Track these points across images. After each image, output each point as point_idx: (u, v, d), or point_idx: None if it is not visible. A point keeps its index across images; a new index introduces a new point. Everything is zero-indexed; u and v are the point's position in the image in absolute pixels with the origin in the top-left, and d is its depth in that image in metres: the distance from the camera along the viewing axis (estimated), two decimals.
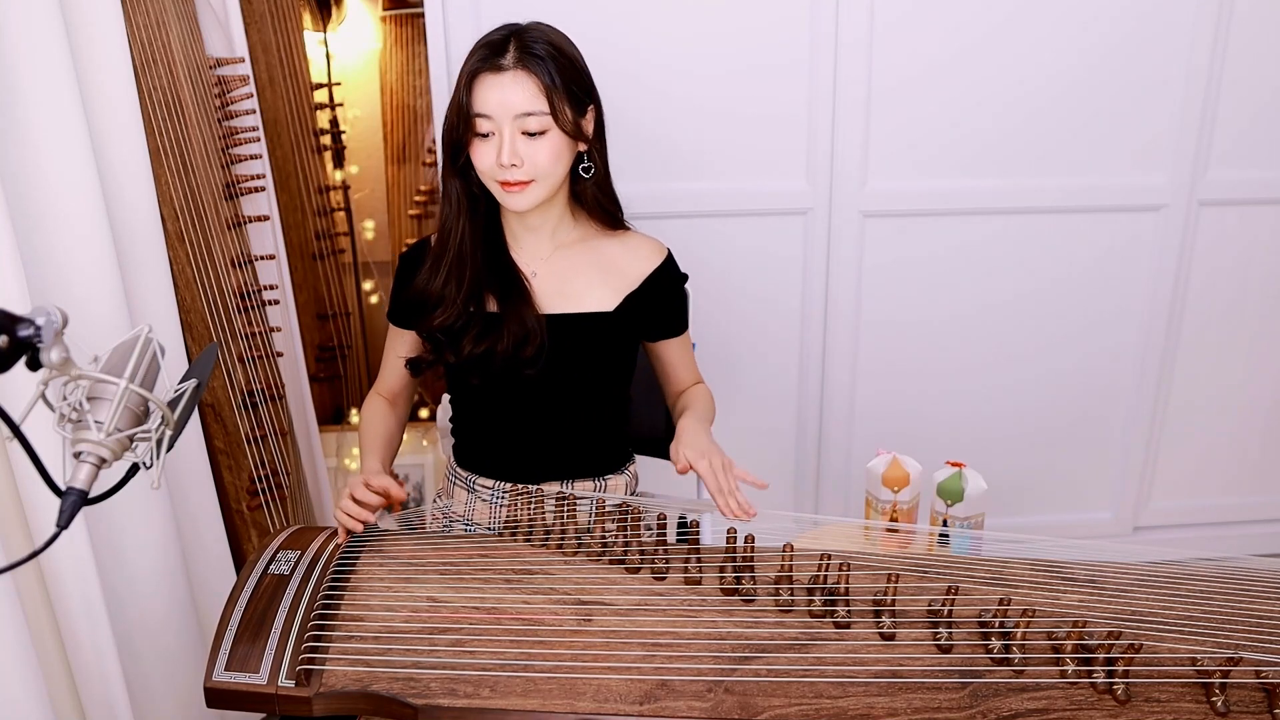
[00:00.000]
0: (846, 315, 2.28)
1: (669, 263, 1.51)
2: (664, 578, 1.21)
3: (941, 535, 1.62)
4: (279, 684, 1.06)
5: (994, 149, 2.18)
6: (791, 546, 1.19)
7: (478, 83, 1.31)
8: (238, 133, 1.94)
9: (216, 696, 1.07)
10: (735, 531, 1.20)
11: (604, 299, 1.46)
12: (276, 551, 1.28)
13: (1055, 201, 2.22)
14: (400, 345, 1.54)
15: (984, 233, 2.24)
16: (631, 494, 1.60)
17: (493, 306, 1.43)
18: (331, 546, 1.28)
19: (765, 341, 2.31)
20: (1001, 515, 2.38)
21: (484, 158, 1.33)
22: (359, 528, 1.29)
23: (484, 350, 1.40)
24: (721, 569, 1.20)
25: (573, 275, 1.47)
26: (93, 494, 0.78)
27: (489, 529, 1.52)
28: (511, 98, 1.30)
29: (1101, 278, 2.29)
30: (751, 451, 2.32)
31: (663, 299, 1.50)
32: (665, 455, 1.86)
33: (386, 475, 1.35)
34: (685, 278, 1.54)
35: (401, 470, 2.63)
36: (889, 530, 1.65)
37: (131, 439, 0.80)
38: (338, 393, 2.77)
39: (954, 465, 1.71)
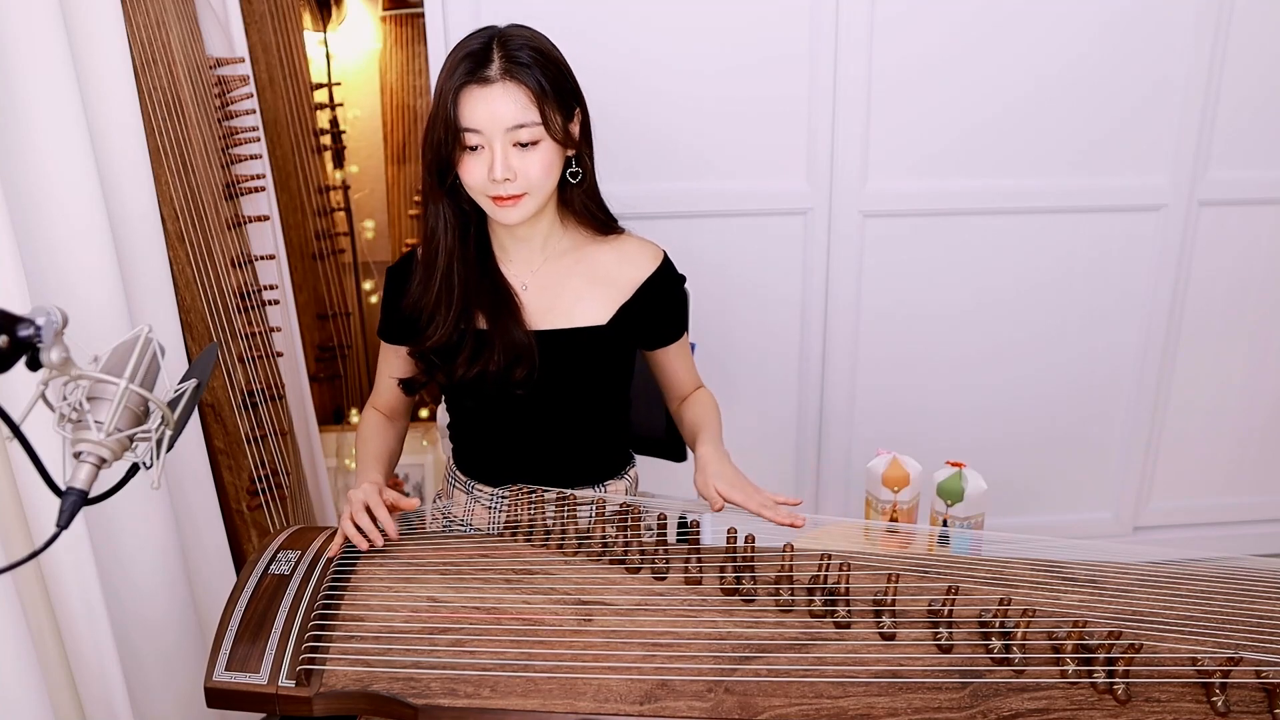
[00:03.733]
0: (846, 315, 2.28)
1: (665, 267, 1.47)
2: (664, 578, 1.21)
3: (941, 535, 1.62)
4: (279, 684, 1.06)
5: (993, 148, 2.18)
6: (792, 546, 1.19)
7: (464, 96, 1.26)
8: (238, 133, 1.94)
9: (217, 696, 1.07)
10: (735, 531, 1.20)
11: (597, 312, 1.42)
12: (277, 551, 1.28)
13: (1055, 201, 2.22)
14: (393, 361, 1.51)
15: (983, 233, 2.24)
16: (631, 496, 1.60)
17: (482, 324, 1.40)
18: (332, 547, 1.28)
19: (765, 342, 2.31)
20: (1001, 515, 2.38)
21: (473, 173, 1.29)
22: (365, 545, 1.26)
23: (476, 373, 1.37)
24: (722, 569, 1.20)
25: (564, 288, 1.43)
26: (93, 494, 0.78)
27: (489, 531, 1.51)
28: (501, 110, 1.25)
29: (1102, 278, 2.30)
30: (752, 451, 2.31)
31: (659, 305, 1.47)
32: (664, 455, 1.87)
33: (390, 489, 1.33)
34: (683, 279, 1.51)
35: (401, 470, 2.63)
36: (889, 530, 1.65)
37: (131, 439, 0.80)
38: (338, 393, 2.77)
39: (954, 465, 1.71)
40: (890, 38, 2.08)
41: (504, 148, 1.26)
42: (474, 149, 1.28)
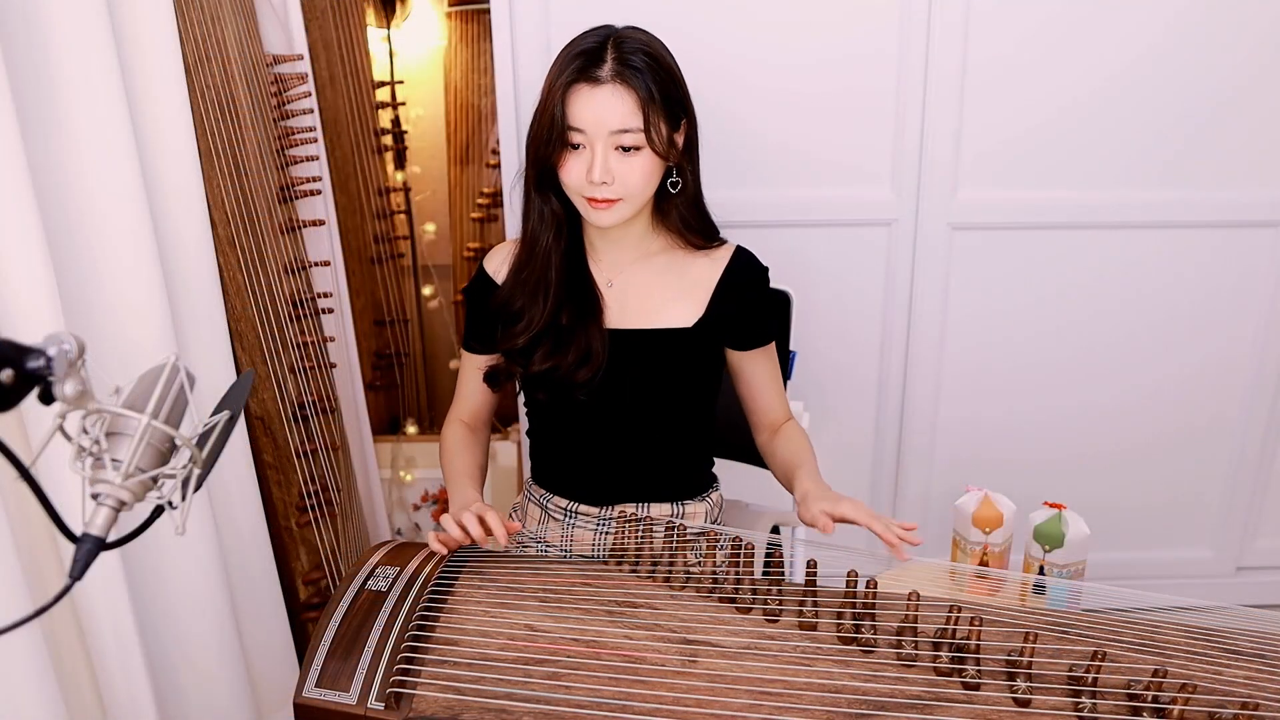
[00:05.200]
0: (930, 334, 2.14)
1: (738, 257, 1.42)
2: (777, 620, 1.11)
3: (1036, 585, 1.48)
4: (368, 705, 1.01)
5: (1087, 156, 2.02)
6: (917, 594, 1.07)
7: (572, 94, 1.25)
8: (295, 133, 1.86)
9: (305, 713, 1.04)
10: (856, 574, 1.11)
11: (683, 315, 1.38)
12: (375, 567, 1.23)
13: (1164, 216, 2.06)
14: (476, 370, 1.48)
15: (1076, 248, 2.09)
16: (713, 522, 1.51)
17: (565, 319, 1.38)
18: (431, 565, 1.23)
19: (842, 360, 2.18)
20: (1091, 551, 2.22)
21: (573, 172, 1.28)
22: (443, 550, 1.22)
23: (549, 367, 1.36)
24: (840, 614, 1.09)
25: (651, 289, 1.40)
26: (111, 538, 0.70)
27: (560, 550, 1.48)
28: (607, 112, 1.24)
29: (1212, 297, 2.13)
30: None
31: (740, 300, 1.40)
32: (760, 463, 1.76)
33: (496, 511, 1.27)
34: (765, 271, 1.44)
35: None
36: (978, 575, 1.52)
37: (155, 479, 0.72)
38: (394, 401, 2.70)
39: (1053, 506, 1.57)
40: (987, 33, 1.94)
41: (605, 150, 1.26)
42: (576, 148, 1.28)
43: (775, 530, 1.71)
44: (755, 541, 1.21)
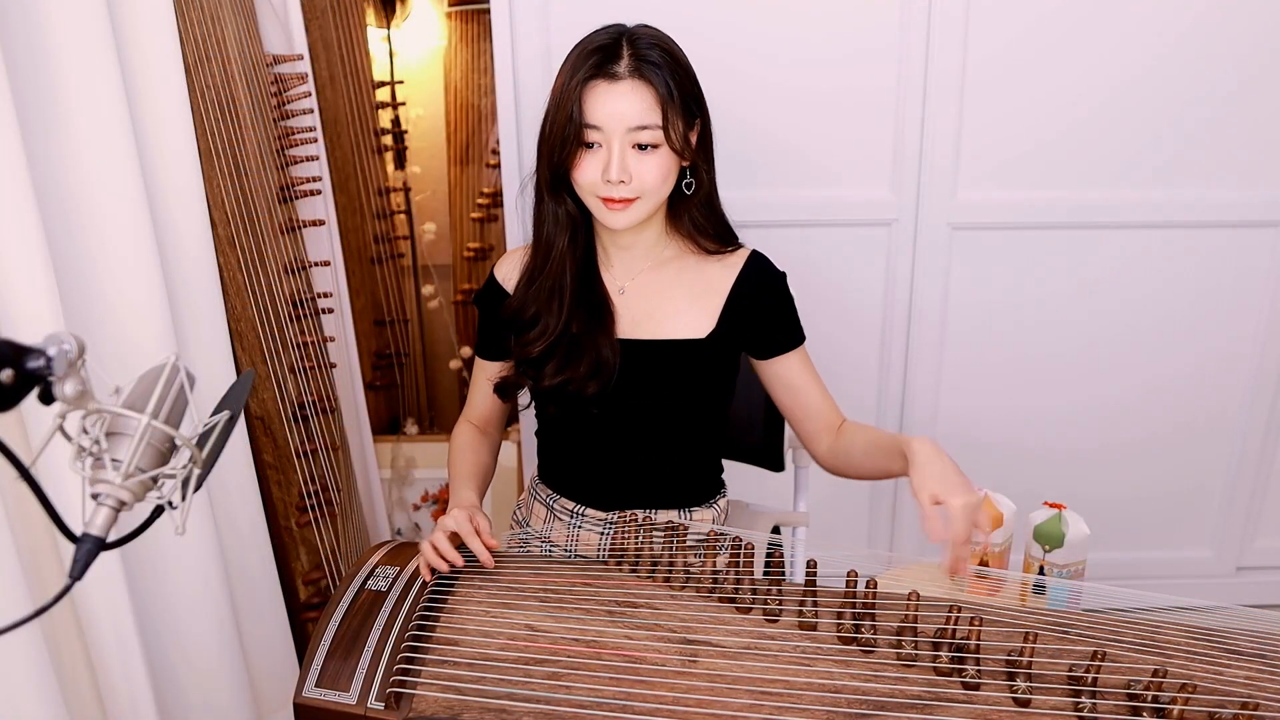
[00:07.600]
0: (930, 334, 2.14)
1: (753, 261, 1.38)
2: (777, 620, 1.11)
3: (1036, 585, 1.48)
4: (368, 705, 1.02)
5: (1092, 156, 2.02)
6: (917, 594, 1.06)
7: (589, 91, 1.21)
8: (295, 133, 1.86)
9: (305, 713, 1.04)
10: (856, 574, 1.10)
11: (695, 325, 1.35)
12: (375, 566, 1.23)
13: (1164, 216, 2.06)
14: (488, 377, 1.47)
15: (1078, 247, 2.09)
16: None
17: (576, 330, 1.35)
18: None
19: (843, 359, 2.18)
20: (1091, 551, 2.22)
21: (588, 171, 1.24)
22: (444, 567, 1.19)
23: (560, 381, 1.33)
24: (840, 614, 1.09)
25: (662, 298, 1.37)
26: (111, 538, 0.70)
27: (565, 551, 1.47)
28: (626, 109, 1.21)
29: (1212, 297, 2.13)
30: (821, 478, 2.19)
31: (759, 305, 1.37)
32: (761, 463, 1.75)
33: (485, 518, 1.25)
34: (782, 275, 1.40)
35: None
36: (978, 575, 1.52)
37: (155, 479, 0.72)
38: (394, 401, 2.70)
39: (1053, 506, 1.56)
40: (987, 33, 1.94)
41: (622, 148, 1.22)
42: (591, 146, 1.24)
43: (775, 530, 1.70)
44: (755, 541, 1.20)
